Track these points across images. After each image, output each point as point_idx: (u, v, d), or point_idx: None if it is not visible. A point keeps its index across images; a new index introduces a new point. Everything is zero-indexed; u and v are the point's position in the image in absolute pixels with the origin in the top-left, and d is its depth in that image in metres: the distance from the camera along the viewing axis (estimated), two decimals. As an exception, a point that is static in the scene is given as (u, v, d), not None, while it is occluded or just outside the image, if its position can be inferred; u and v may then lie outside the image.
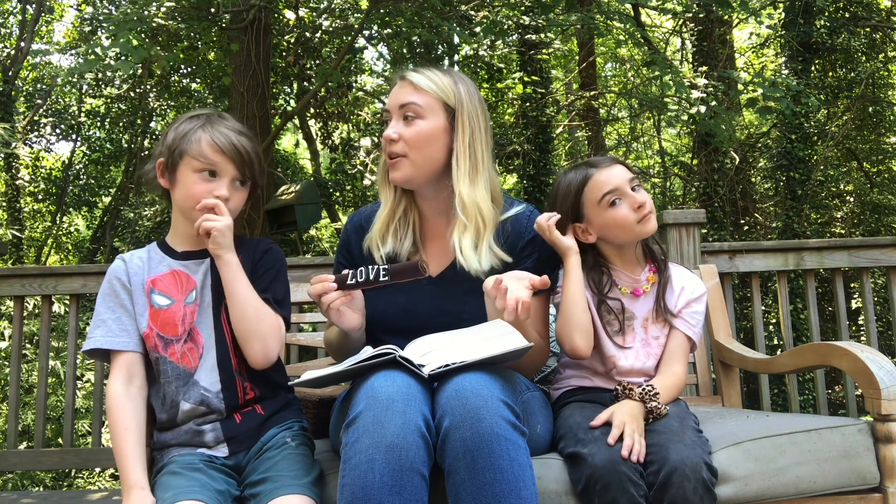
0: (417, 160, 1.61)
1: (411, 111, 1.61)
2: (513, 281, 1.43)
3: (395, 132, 1.62)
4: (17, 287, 2.84)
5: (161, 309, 1.55)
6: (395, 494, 1.22)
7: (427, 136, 1.61)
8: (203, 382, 1.53)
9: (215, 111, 1.63)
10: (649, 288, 1.71)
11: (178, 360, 1.53)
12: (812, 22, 8.01)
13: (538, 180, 8.38)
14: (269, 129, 6.07)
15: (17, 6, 10.42)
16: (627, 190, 1.65)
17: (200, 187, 1.53)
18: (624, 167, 1.70)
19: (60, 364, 5.95)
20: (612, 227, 1.66)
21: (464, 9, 6.68)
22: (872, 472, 1.49)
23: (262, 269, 1.60)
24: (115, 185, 11.28)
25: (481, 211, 1.61)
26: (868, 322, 3.00)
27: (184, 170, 1.54)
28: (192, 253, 1.60)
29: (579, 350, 1.62)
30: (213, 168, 1.53)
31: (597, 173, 1.68)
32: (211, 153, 1.53)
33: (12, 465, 2.84)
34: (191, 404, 1.52)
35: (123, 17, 4.09)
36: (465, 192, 1.60)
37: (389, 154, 1.63)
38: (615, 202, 1.64)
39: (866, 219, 10.09)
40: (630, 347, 1.69)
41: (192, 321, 1.55)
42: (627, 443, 1.37)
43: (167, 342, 1.54)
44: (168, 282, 1.57)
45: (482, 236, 1.62)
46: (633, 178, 1.68)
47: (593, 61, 9.71)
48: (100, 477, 6.51)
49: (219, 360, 1.54)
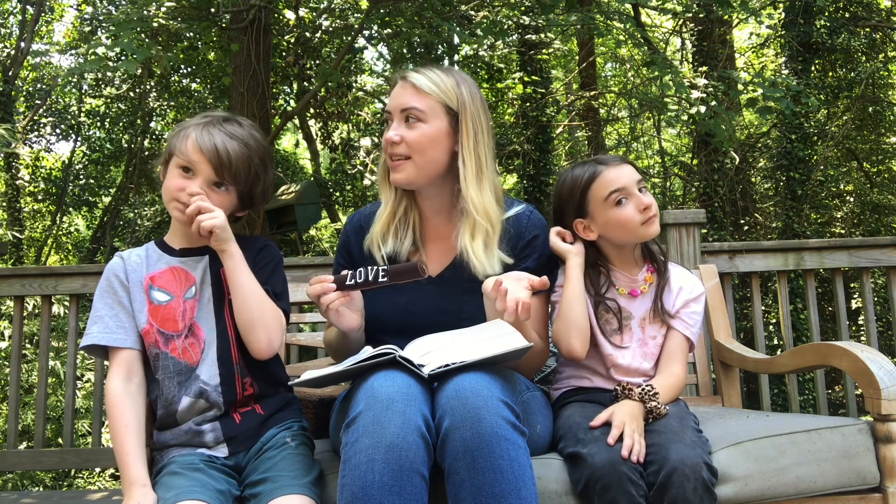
0: (420, 163, 1.61)
1: (413, 115, 1.60)
2: (512, 282, 1.43)
3: (397, 134, 1.61)
4: (17, 287, 2.84)
5: (160, 305, 1.55)
6: (394, 494, 1.22)
7: (429, 139, 1.60)
8: (203, 376, 1.53)
9: (233, 116, 1.64)
10: (647, 288, 1.71)
11: (180, 355, 1.54)
12: (812, 22, 8.01)
13: (538, 180, 8.38)
14: (269, 129, 6.07)
15: (17, 6, 10.42)
16: (635, 190, 1.65)
17: (174, 182, 1.55)
18: (633, 168, 1.69)
19: (60, 364, 5.95)
20: (615, 226, 1.66)
21: (464, 9, 6.68)
22: (872, 472, 1.49)
23: (260, 264, 1.61)
24: (115, 185, 11.28)
25: (489, 214, 1.61)
26: (868, 322, 3.00)
27: (171, 164, 1.57)
28: (191, 250, 1.61)
29: (575, 351, 1.62)
30: (189, 165, 1.54)
31: (606, 171, 1.67)
32: (190, 151, 1.54)
33: (12, 465, 2.84)
34: (190, 398, 1.52)
35: (124, 17, 4.09)
36: (473, 195, 1.60)
37: (391, 156, 1.63)
38: (621, 201, 1.64)
39: (866, 219, 10.09)
40: (627, 347, 1.69)
41: (193, 316, 1.55)
42: (627, 443, 1.37)
43: (168, 338, 1.54)
44: (167, 278, 1.58)
45: (492, 239, 1.62)
46: (641, 179, 1.68)
47: (593, 61, 9.72)
48: (100, 477, 6.51)
49: (219, 354, 1.54)
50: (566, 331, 1.62)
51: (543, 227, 1.70)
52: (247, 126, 1.62)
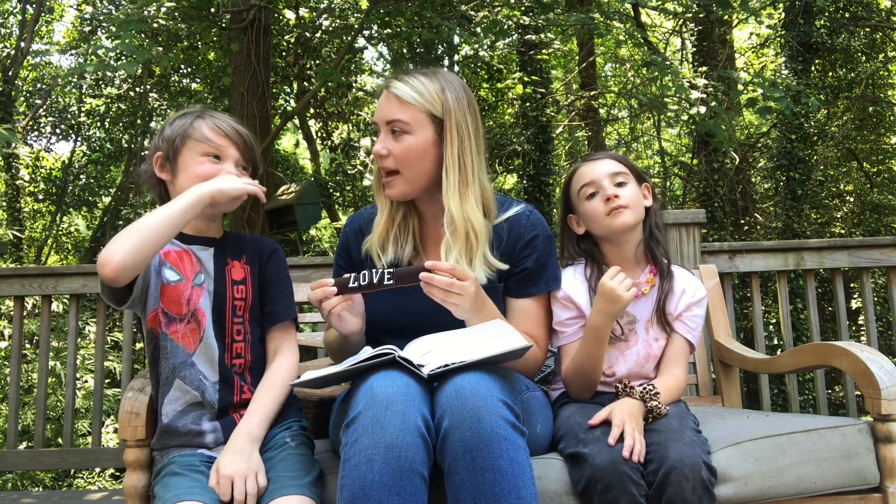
0: (409, 176, 1.60)
1: (398, 127, 1.59)
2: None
3: (385, 148, 1.60)
4: (17, 287, 2.84)
5: (169, 284, 1.54)
6: (394, 494, 1.22)
7: (416, 151, 1.59)
8: (201, 367, 1.53)
9: (206, 106, 1.67)
10: (648, 290, 1.71)
11: (179, 339, 1.53)
12: (812, 22, 8.01)
13: (538, 180, 8.38)
14: (269, 129, 6.06)
15: (17, 6, 10.41)
16: (604, 183, 1.67)
17: (206, 167, 1.55)
18: (614, 162, 1.70)
19: (60, 364, 5.95)
20: (588, 219, 1.71)
21: (464, 9, 6.68)
22: (872, 472, 1.49)
23: (270, 282, 1.63)
24: (115, 185, 11.27)
25: (473, 225, 1.58)
26: (868, 322, 3.00)
27: (187, 155, 1.56)
28: (198, 238, 1.62)
29: (578, 395, 1.67)
30: (217, 152, 1.56)
31: (583, 166, 1.73)
32: (215, 137, 1.56)
33: (12, 465, 2.84)
34: (188, 386, 1.52)
35: (124, 17, 4.10)
36: (454, 207, 1.57)
37: (381, 169, 1.63)
38: (592, 195, 1.68)
39: (866, 219, 10.09)
40: (631, 350, 1.69)
41: (198, 303, 1.55)
42: (628, 443, 1.37)
43: (170, 319, 1.54)
44: (178, 257, 1.58)
45: (475, 250, 1.59)
46: (620, 173, 1.68)
47: (593, 61, 9.71)
48: (100, 477, 6.51)
49: (219, 354, 1.55)
50: (581, 381, 1.64)
51: (543, 227, 1.69)
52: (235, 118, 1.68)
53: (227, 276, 1.59)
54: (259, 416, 1.48)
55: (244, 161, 1.60)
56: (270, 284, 1.63)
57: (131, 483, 1.53)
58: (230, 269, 1.61)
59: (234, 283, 1.60)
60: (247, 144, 1.60)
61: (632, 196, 1.67)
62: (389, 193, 1.63)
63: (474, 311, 1.48)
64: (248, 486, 1.36)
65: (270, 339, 1.62)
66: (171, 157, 1.58)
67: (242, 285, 1.61)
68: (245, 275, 1.62)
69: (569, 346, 1.68)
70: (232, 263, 1.62)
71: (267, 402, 1.51)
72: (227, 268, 1.60)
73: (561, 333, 1.70)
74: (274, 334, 1.62)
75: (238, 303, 1.59)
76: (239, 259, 1.63)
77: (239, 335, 1.58)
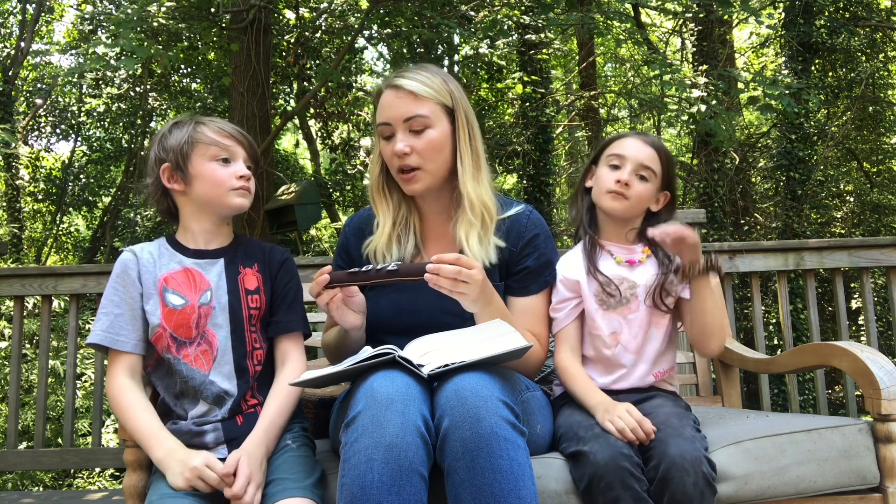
0: (432, 169, 1.60)
1: (419, 124, 1.58)
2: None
3: (407, 146, 1.58)
4: (17, 287, 2.84)
5: (175, 309, 1.52)
6: (394, 494, 1.22)
7: (438, 144, 1.59)
8: (221, 384, 1.52)
9: (195, 113, 1.68)
10: (645, 259, 1.71)
11: (192, 362, 1.52)
12: (812, 22, 8.02)
13: (538, 180, 8.38)
14: (269, 129, 6.06)
15: (17, 6, 10.42)
16: (628, 166, 1.67)
17: (222, 171, 1.56)
18: (654, 156, 1.69)
19: (60, 364, 5.95)
20: (596, 179, 1.73)
21: (464, 9, 6.68)
22: (872, 471, 1.49)
23: (282, 292, 1.62)
24: (115, 185, 11.28)
25: (487, 206, 1.62)
26: (868, 322, 3.00)
27: (198, 161, 1.55)
28: (205, 252, 1.60)
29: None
30: (227, 153, 1.57)
31: (629, 139, 1.72)
32: (222, 139, 1.57)
33: (12, 465, 2.83)
34: (207, 399, 1.52)
35: (125, 16, 4.10)
36: (472, 190, 1.60)
37: (402, 168, 1.60)
38: (614, 167, 1.69)
39: (866, 219, 10.09)
40: (634, 315, 1.66)
41: (206, 324, 1.54)
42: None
43: (180, 344, 1.52)
44: (181, 280, 1.55)
45: (489, 230, 1.63)
46: (650, 168, 1.67)
47: (593, 61, 9.71)
48: (100, 477, 6.51)
49: (236, 362, 1.54)
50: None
51: (543, 227, 1.70)
52: (234, 119, 1.72)
53: (241, 287, 1.58)
54: (275, 430, 1.49)
55: (250, 160, 1.62)
56: (282, 295, 1.62)
57: (131, 483, 1.53)
58: (243, 277, 1.59)
59: (248, 292, 1.59)
60: (250, 143, 1.63)
61: (640, 194, 1.67)
62: (413, 189, 1.62)
63: (484, 303, 1.48)
64: (256, 497, 1.37)
65: (279, 347, 1.61)
66: (182, 166, 1.55)
67: (256, 295, 1.59)
68: (258, 284, 1.61)
69: (563, 332, 1.68)
70: (244, 272, 1.60)
71: (281, 414, 1.52)
72: (239, 277, 1.58)
73: (553, 319, 1.70)
74: (283, 343, 1.61)
75: (253, 312, 1.58)
76: (251, 266, 1.62)
77: (256, 342, 1.58)
